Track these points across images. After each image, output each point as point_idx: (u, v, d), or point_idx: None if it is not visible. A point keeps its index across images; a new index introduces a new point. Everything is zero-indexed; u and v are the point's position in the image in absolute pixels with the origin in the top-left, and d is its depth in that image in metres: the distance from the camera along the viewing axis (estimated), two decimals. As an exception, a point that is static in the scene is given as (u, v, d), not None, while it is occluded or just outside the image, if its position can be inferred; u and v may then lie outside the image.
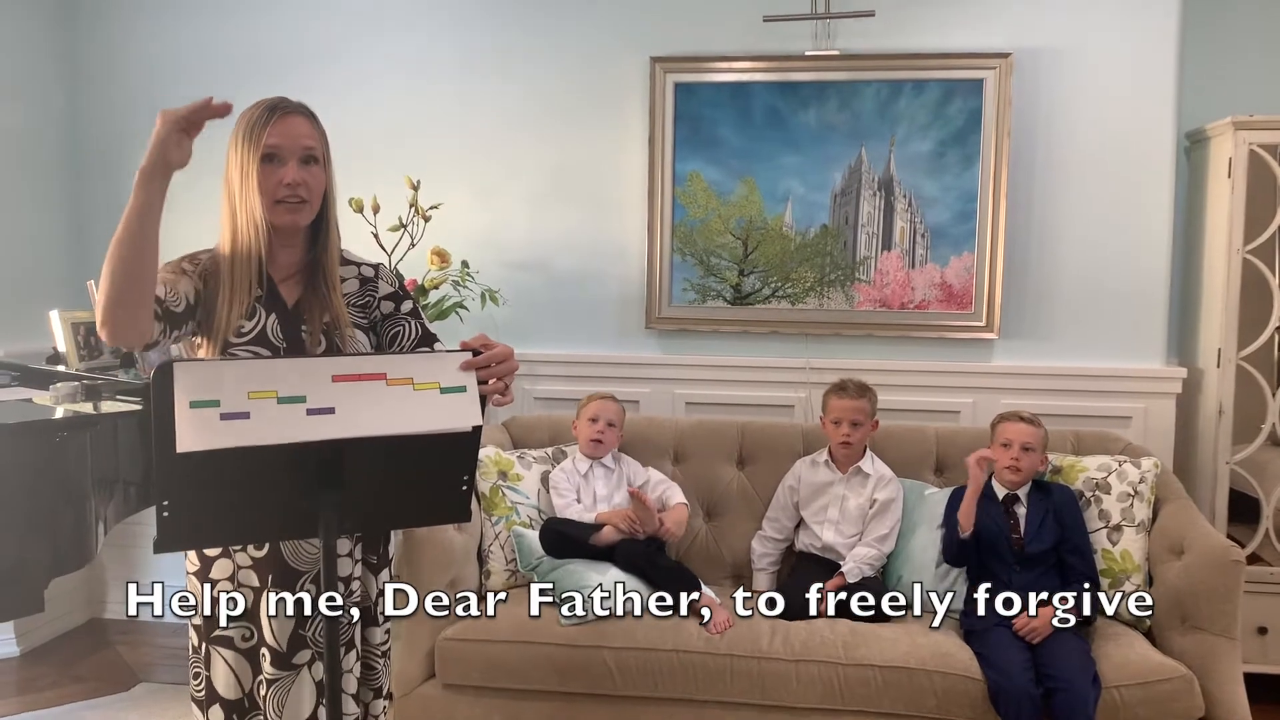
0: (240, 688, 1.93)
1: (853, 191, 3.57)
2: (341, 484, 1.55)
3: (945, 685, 2.62)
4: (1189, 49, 3.51)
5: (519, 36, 3.74)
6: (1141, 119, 3.45)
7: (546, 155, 3.77)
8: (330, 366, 1.54)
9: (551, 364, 3.77)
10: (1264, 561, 3.33)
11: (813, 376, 3.61)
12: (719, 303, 3.68)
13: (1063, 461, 3.13)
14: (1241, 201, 3.28)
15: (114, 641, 3.87)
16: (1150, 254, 3.48)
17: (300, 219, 1.88)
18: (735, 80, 3.59)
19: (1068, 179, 3.51)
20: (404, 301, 2.04)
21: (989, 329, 3.54)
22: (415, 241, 3.55)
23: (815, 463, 3.20)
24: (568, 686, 2.77)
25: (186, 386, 1.43)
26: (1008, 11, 3.49)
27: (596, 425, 3.17)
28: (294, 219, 1.87)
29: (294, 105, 1.89)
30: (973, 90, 3.47)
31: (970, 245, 3.52)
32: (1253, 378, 3.31)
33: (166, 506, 1.48)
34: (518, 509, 3.13)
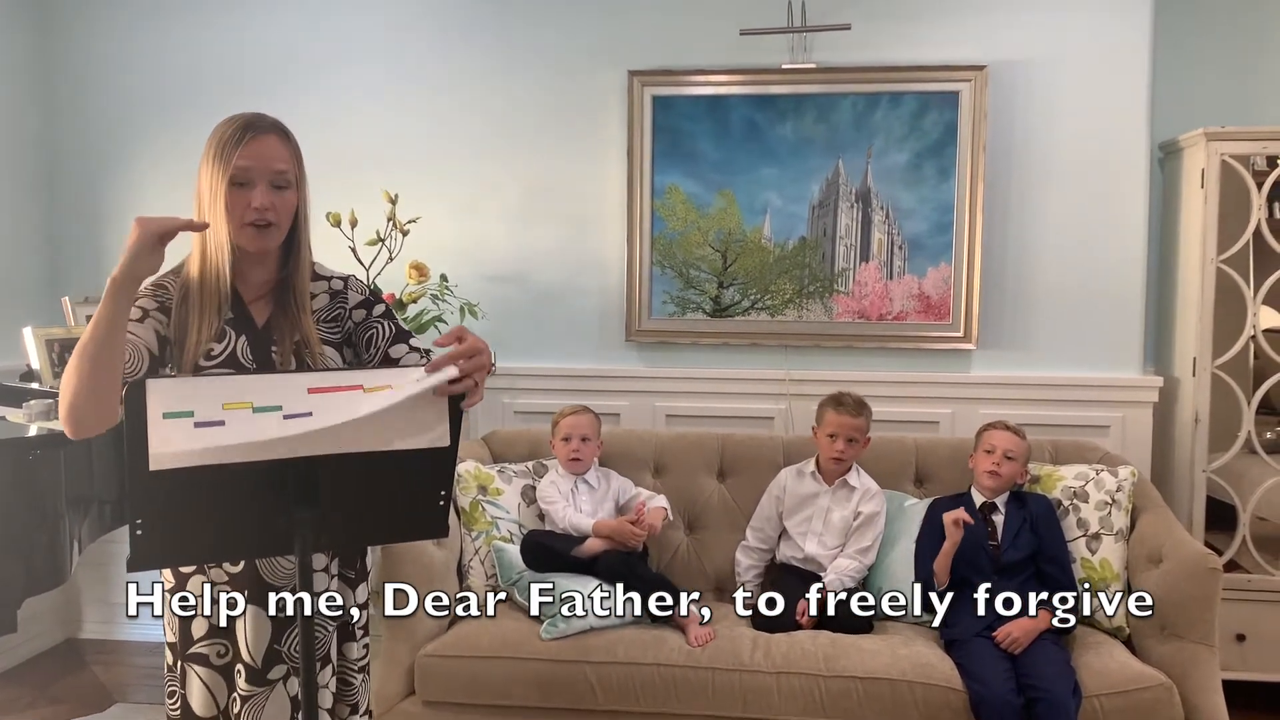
0: (215, 705, 1.91)
1: (830, 203, 3.59)
2: (317, 500, 1.53)
3: (926, 696, 2.62)
4: (1161, 61, 3.55)
5: (497, 50, 3.74)
6: (1115, 130, 3.48)
7: (525, 168, 3.77)
8: (305, 380, 1.53)
9: (531, 377, 3.76)
10: (1241, 569, 3.35)
11: (792, 388, 3.62)
12: (699, 315, 3.68)
13: (1041, 470, 3.15)
14: (1215, 212, 3.31)
15: (90, 662, 3.83)
16: (1125, 264, 3.51)
17: (268, 242, 1.87)
18: (713, 93, 3.60)
19: (1043, 190, 3.53)
20: (375, 305, 2.02)
21: (967, 339, 3.55)
22: (393, 255, 3.53)
23: (801, 473, 3.20)
24: (549, 702, 2.75)
25: (159, 401, 1.42)
26: (982, 24, 3.51)
27: (570, 445, 3.15)
28: (262, 243, 1.86)
29: (267, 124, 1.86)
30: (948, 102, 3.49)
31: (948, 256, 3.54)
32: (1228, 386, 3.33)
33: (140, 525, 1.47)
34: (498, 523, 3.11)
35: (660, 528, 3.08)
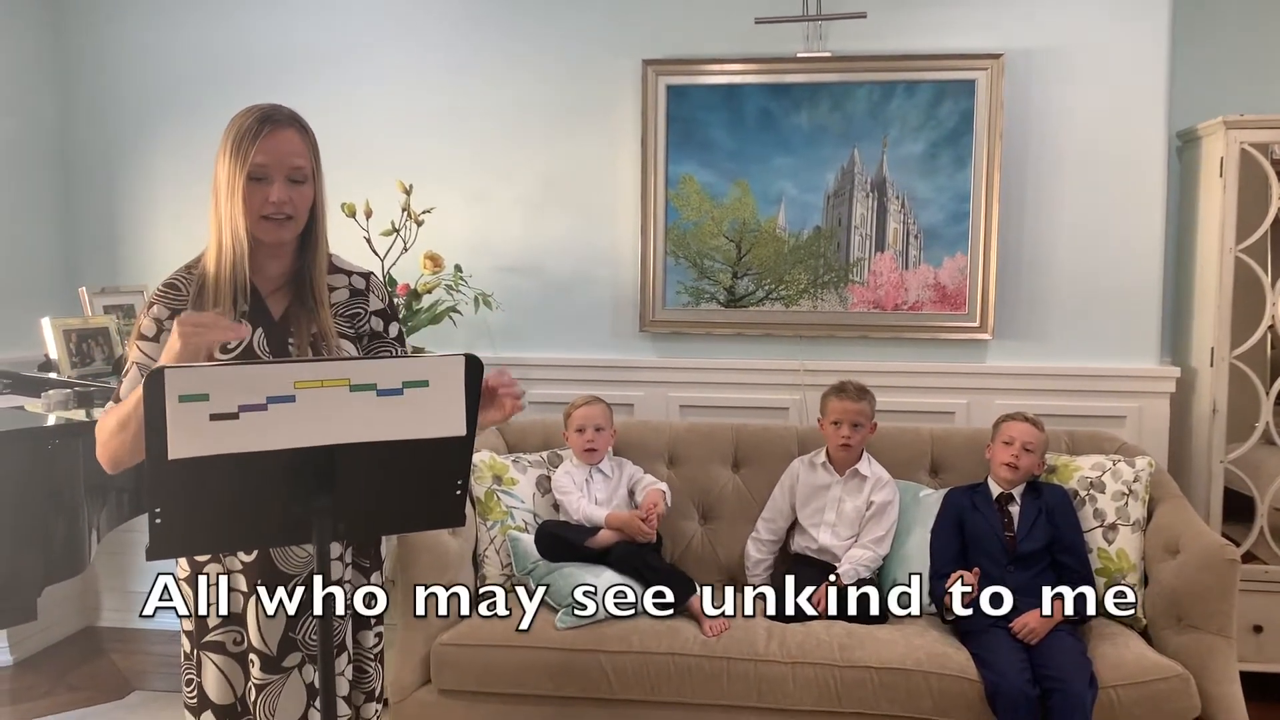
0: (232, 692, 1.92)
1: (846, 193, 3.57)
2: (334, 488, 1.54)
3: (942, 686, 2.61)
4: (1180, 49, 3.52)
5: (511, 39, 3.74)
6: (1133, 119, 3.46)
7: (539, 158, 3.76)
8: (323, 369, 1.53)
9: (545, 368, 3.76)
10: (1259, 560, 3.33)
11: (807, 379, 3.61)
12: (713, 305, 3.68)
13: (1057, 461, 3.13)
14: (1234, 201, 3.29)
15: (108, 650, 3.86)
16: (1143, 254, 3.49)
17: (285, 234, 1.87)
18: (727, 83, 3.59)
19: (1060, 179, 3.51)
20: (392, 323, 2.04)
21: (983, 330, 3.54)
22: (408, 246, 3.54)
23: (813, 464, 3.20)
24: (564, 691, 2.76)
25: (177, 387, 1.43)
26: (999, 12, 3.49)
27: (585, 435, 3.17)
28: (278, 234, 1.86)
29: (284, 116, 1.85)
30: (965, 91, 3.47)
31: (963, 246, 3.52)
32: (1246, 376, 3.31)
33: (159, 514, 1.48)
34: (513, 513, 3.12)
35: (662, 507, 3.10)
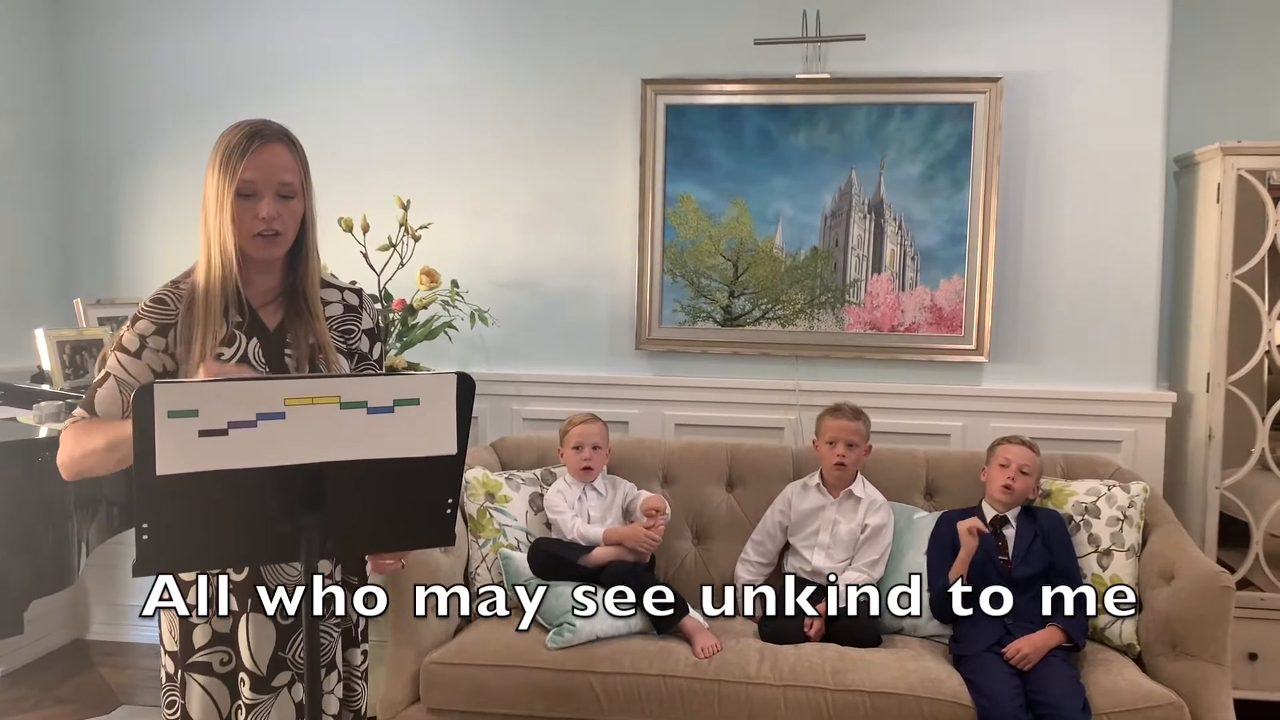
0: (218, 713, 1.91)
1: (843, 214, 3.57)
2: (323, 506, 1.53)
3: (934, 711, 2.60)
4: (1177, 74, 3.53)
5: (511, 57, 3.75)
6: (1131, 143, 3.46)
7: (537, 176, 3.76)
8: (313, 386, 1.52)
9: (541, 384, 3.75)
10: (1254, 586, 3.32)
11: (803, 399, 3.60)
12: (709, 324, 3.67)
13: (1052, 485, 3.12)
14: (1230, 226, 3.29)
15: (96, 663, 3.84)
16: (1140, 278, 3.49)
17: (275, 251, 1.87)
18: (726, 102, 3.59)
19: (1057, 203, 3.52)
20: (377, 344, 2.05)
21: (979, 352, 3.53)
22: (405, 261, 3.53)
23: (806, 486, 3.19)
24: (554, 711, 2.74)
25: (166, 402, 1.42)
26: (998, 36, 3.50)
27: (582, 453, 3.15)
28: (268, 251, 1.86)
29: (274, 132, 1.85)
30: (963, 114, 3.48)
31: (960, 268, 3.53)
32: (1242, 402, 3.31)
33: (146, 529, 1.47)
34: (505, 531, 3.10)
35: (668, 511, 3.10)
